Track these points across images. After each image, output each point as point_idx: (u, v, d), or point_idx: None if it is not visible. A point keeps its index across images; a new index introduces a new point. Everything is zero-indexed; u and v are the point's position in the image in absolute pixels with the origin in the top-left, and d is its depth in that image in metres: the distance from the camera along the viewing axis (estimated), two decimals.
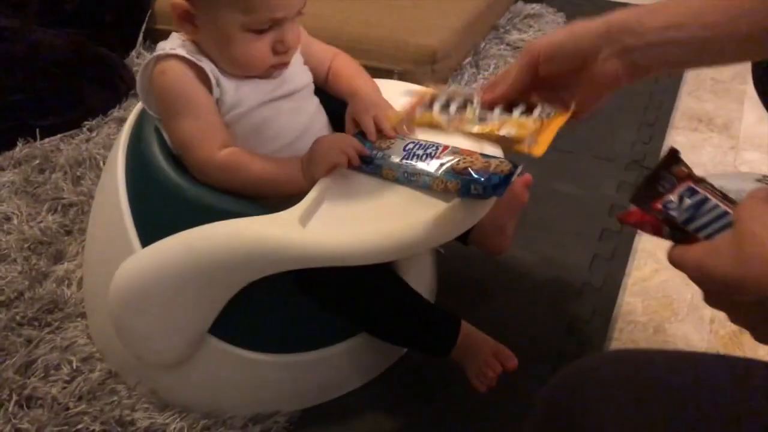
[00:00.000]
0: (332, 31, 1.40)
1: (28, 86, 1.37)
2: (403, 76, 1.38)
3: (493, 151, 0.74)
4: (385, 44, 1.39)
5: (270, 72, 0.75)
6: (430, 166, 0.71)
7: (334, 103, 0.84)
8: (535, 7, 1.74)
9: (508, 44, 1.58)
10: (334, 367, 0.81)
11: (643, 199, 0.52)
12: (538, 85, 0.57)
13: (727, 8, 0.49)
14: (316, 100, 0.82)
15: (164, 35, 1.56)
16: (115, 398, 0.81)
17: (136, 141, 0.80)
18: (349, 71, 0.85)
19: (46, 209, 1.10)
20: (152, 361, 0.78)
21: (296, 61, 0.79)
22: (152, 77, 0.73)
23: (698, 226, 0.49)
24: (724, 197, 0.50)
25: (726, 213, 0.49)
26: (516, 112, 0.60)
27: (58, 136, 1.29)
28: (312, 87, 0.82)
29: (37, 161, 1.20)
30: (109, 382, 0.83)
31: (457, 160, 0.71)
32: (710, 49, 0.51)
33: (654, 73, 0.54)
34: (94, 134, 1.29)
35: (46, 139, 1.27)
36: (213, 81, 0.72)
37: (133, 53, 1.54)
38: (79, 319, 0.91)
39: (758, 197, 0.45)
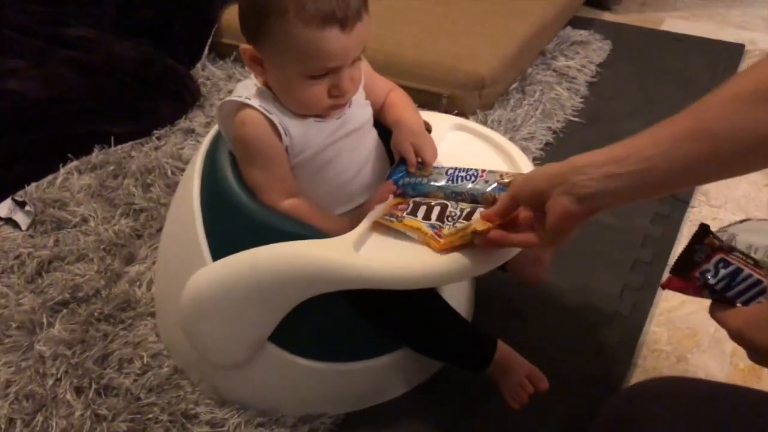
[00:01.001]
0: (387, 53, 1.49)
1: (103, 94, 1.48)
2: (452, 100, 1.46)
3: None
4: (436, 69, 1.46)
5: (328, 112, 0.82)
6: (477, 184, 0.79)
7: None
8: (583, 34, 1.79)
9: (554, 70, 1.64)
10: (378, 376, 0.89)
11: (683, 270, 0.60)
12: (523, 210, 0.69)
13: (660, 140, 0.55)
14: (374, 133, 0.90)
15: (229, 49, 1.68)
16: (181, 393, 0.90)
17: (211, 162, 0.89)
18: (399, 103, 0.92)
19: (119, 213, 1.20)
20: (216, 362, 0.87)
21: (357, 98, 0.87)
22: (234, 125, 0.82)
23: (735, 294, 0.57)
24: (756, 264, 0.57)
25: (759, 281, 0.56)
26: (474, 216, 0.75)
27: (130, 143, 1.39)
28: (371, 121, 0.89)
29: (112, 167, 1.31)
30: (175, 378, 0.92)
31: (500, 176, 0.79)
32: (651, 180, 0.56)
33: (604, 207, 0.60)
34: (162, 143, 1.39)
35: (119, 146, 1.38)
36: (282, 132, 0.80)
37: (199, 65, 1.64)
38: (148, 318, 1.01)
39: None
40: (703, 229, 0.59)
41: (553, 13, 1.72)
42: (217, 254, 0.84)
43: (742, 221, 0.66)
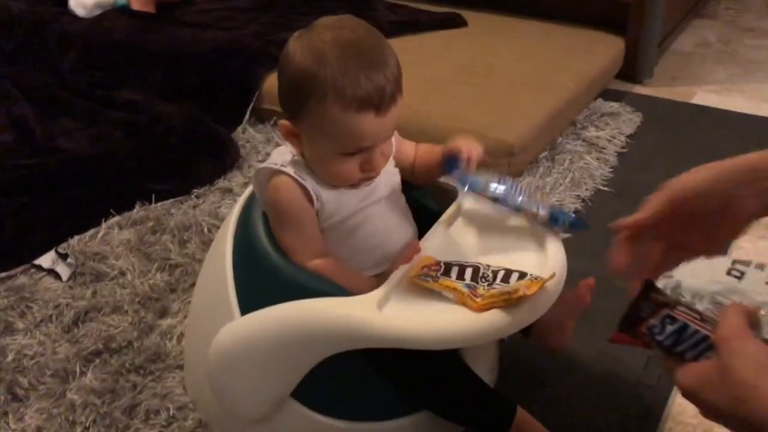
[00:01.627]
0: (419, 121, 1.54)
1: (147, 153, 1.56)
2: (481, 167, 1.49)
3: None
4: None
5: (359, 183, 0.86)
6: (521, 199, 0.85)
7: (418, 200, 0.96)
8: (614, 106, 1.82)
9: (584, 140, 1.66)
10: None
11: (630, 325, 0.60)
12: (673, 219, 0.62)
13: None
14: (403, 199, 0.93)
15: (269, 114, 1.75)
16: None
17: (245, 221, 0.92)
18: (431, 147, 0.97)
19: (155, 268, 1.24)
20: (239, 415, 0.89)
21: (387, 165, 0.90)
22: (267, 189, 0.86)
23: (683, 349, 0.57)
24: (702, 318, 0.57)
25: (706, 337, 0.57)
26: (513, 278, 0.77)
27: (170, 201, 1.44)
28: (400, 187, 0.93)
29: (151, 223, 1.36)
30: (198, 431, 0.94)
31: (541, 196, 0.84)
32: None
33: None
34: (200, 201, 1.45)
35: (159, 203, 1.43)
36: (314, 197, 0.84)
37: (239, 129, 1.71)
38: (177, 370, 1.03)
39: (734, 326, 0.52)
40: (648, 284, 0.60)
41: (584, 85, 1.76)
42: (245, 310, 0.86)
43: (688, 261, 0.65)
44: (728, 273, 0.61)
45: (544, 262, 0.85)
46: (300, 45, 0.81)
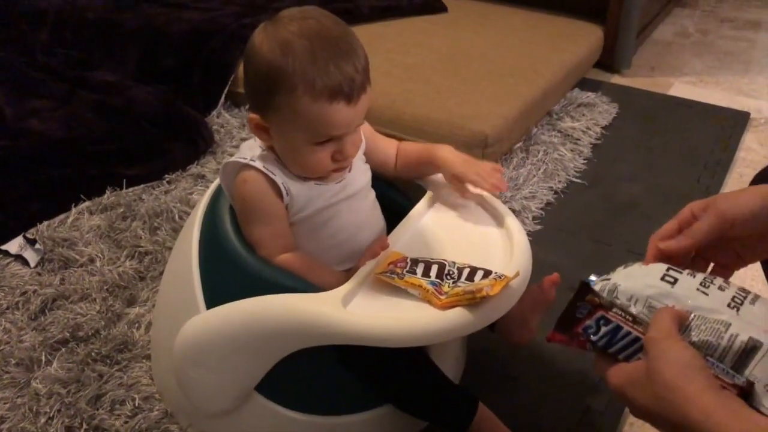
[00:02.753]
0: (396, 109, 1.54)
1: (120, 137, 1.54)
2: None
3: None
4: (442, 127, 1.50)
5: (330, 175, 0.86)
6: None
7: (387, 195, 0.96)
8: (590, 96, 1.83)
9: (559, 131, 1.67)
10: (361, 431, 0.90)
11: (566, 325, 0.62)
12: (714, 240, 0.63)
13: None
14: (372, 195, 0.93)
15: (244, 98, 1.73)
16: None
17: (212, 213, 0.92)
18: (418, 149, 0.96)
19: (125, 255, 1.23)
20: (204, 408, 0.89)
21: (357, 162, 0.90)
22: (235, 183, 0.85)
23: (616, 350, 0.59)
24: (634, 321, 0.59)
25: (638, 338, 0.59)
26: (477, 277, 0.78)
27: (141, 186, 1.43)
28: (369, 183, 0.93)
29: (122, 209, 1.35)
30: (164, 422, 0.94)
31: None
32: None
33: None
34: (172, 187, 1.44)
35: (131, 189, 1.42)
36: (284, 191, 0.84)
37: (214, 113, 1.70)
38: (144, 360, 1.03)
39: (663, 328, 0.54)
40: (585, 285, 0.61)
41: (561, 75, 1.76)
42: (211, 303, 0.86)
43: (625, 266, 0.66)
44: (662, 279, 0.62)
45: (510, 258, 0.86)
46: (265, 37, 0.80)
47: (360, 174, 0.90)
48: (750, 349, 0.56)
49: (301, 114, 0.79)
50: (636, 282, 0.62)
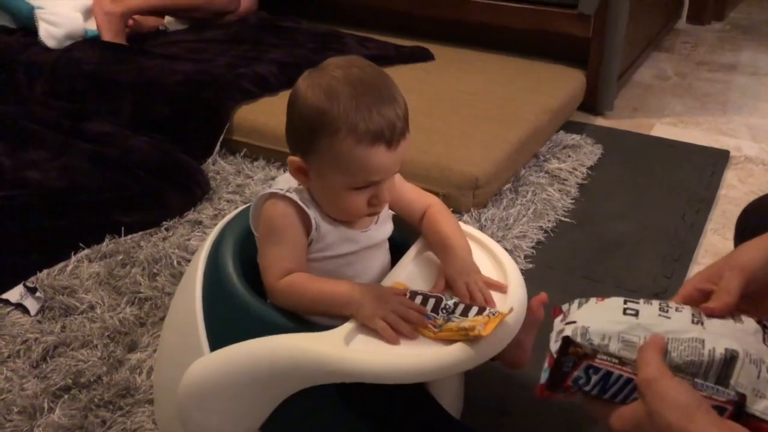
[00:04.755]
0: None
1: (117, 186, 1.56)
2: (447, 199, 1.53)
3: None
4: (432, 169, 1.55)
5: (363, 218, 0.88)
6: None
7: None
8: (575, 138, 1.88)
9: (546, 172, 1.72)
10: None
11: (556, 384, 0.64)
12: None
13: None
14: (386, 246, 0.95)
15: (239, 145, 1.77)
16: None
17: (215, 256, 0.94)
18: (447, 226, 0.94)
19: (125, 301, 1.25)
20: None
21: (384, 212, 0.93)
22: (264, 206, 0.87)
23: (611, 395, 0.61)
24: (621, 362, 0.61)
25: (630, 380, 0.60)
26: (471, 313, 0.80)
27: (140, 233, 1.45)
28: (388, 235, 0.94)
29: (120, 256, 1.37)
30: None
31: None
32: None
33: None
34: (170, 234, 1.46)
35: (129, 236, 1.44)
36: (314, 225, 0.86)
37: (210, 160, 1.73)
38: (146, 405, 1.04)
39: (653, 366, 0.57)
40: (566, 340, 0.63)
41: (546, 119, 1.82)
42: (215, 345, 0.88)
43: (579, 303, 0.68)
44: (624, 313, 0.65)
45: (505, 294, 0.88)
46: (311, 83, 0.83)
47: (384, 226, 0.93)
48: (730, 359, 0.59)
49: (343, 157, 0.81)
50: (602, 320, 0.64)
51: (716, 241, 1.52)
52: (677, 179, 1.75)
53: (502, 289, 0.89)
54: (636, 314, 0.64)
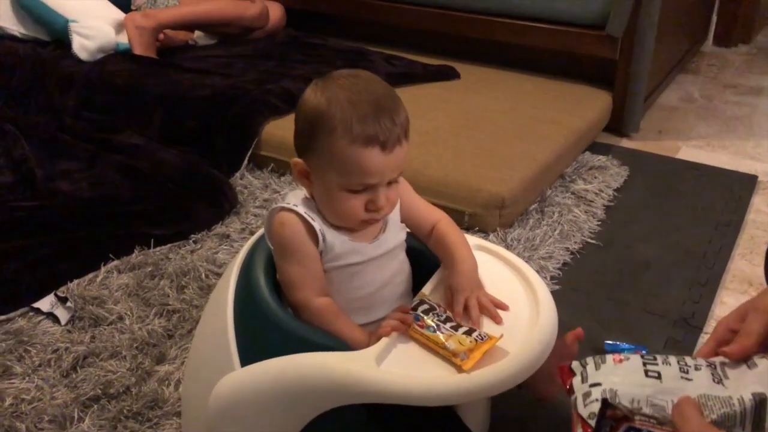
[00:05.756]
0: (414, 171, 1.58)
1: (147, 198, 1.59)
2: (473, 218, 1.53)
3: None
4: (459, 189, 1.55)
5: (363, 226, 0.89)
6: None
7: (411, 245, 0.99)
8: (601, 159, 1.88)
9: (572, 193, 1.71)
10: None
11: None
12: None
13: None
14: (403, 254, 0.96)
15: (266, 161, 1.79)
16: None
17: (247, 271, 0.95)
18: (454, 239, 0.95)
19: (153, 313, 1.26)
20: None
21: (394, 221, 0.93)
22: (273, 224, 0.89)
23: None
24: (658, 422, 0.61)
25: None
26: (461, 331, 0.79)
27: (168, 246, 1.47)
28: (404, 245, 0.96)
29: (149, 268, 1.38)
30: None
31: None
32: None
33: None
34: (198, 247, 1.47)
35: (158, 248, 1.46)
36: (320, 237, 0.88)
37: (237, 174, 1.75)
38: (174, 417, 1.05)
39: (695, 421, 0.57)
40: (604, 404, 0.63)
41: (573, 139, 1.82)
42: (245, 360, 0.88)
43: (596, 366, 0.68)
44: (647, 375, 0.65)
45: (536, 315, 0.88)
46: (315, 89, 0.86)
47: (394, 234, 0.94)
48: (760, 403, 0.60)
49: (337, 156, 0.83)
50: (627, 383, 0.65)
51: (744, 266, 1.51)
52: (704, 203, 1.74)
53: (503, 308, 0.90)
54: (659, 377, 0.65)
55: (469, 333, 0.82)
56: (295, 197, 0.92)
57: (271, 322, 0.88)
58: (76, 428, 1.02)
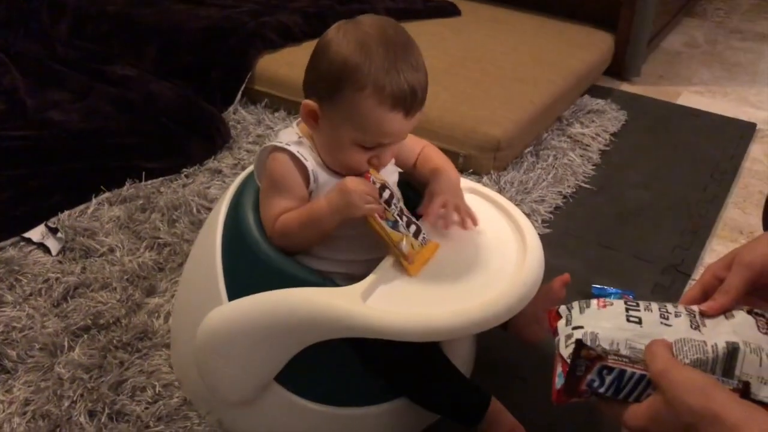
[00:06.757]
0: None
1: (139, 131, 1.56)
2: (467, 160, 1.52)
3: None
4: (455, 130, 1.53)
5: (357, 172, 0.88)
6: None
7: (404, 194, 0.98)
8: (600, 103, 1.86)
9: (569, 137, 1.70)
10: (376, 423, 0.93)
11: (572, 389, 0.65)
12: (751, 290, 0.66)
13: None
14: (397, 195, 0.95)
15: (260, 96, 1.76)
16: (188, 424, 0.95)
17: (236, 207, 0.95)
18: (438, 158, 0.98)
19: (144, 246, 1.26)
20: (223, 397, 0.92)
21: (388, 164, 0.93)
22: (267, 160, 0.89)
23: (625, 395, 0.62)
24: (631, 360, 0.62)
25: (643, 376, 0.62)
26: (411, 229, 0.84)
27: (160, 179, 1.46)
28: (395, 184, 0.95)
29: (141, 201, 1.38)
30: (183, 409, 0.97)
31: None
32: None
33: None
34: (190, 181, 1.47)
35: (149, 181, 1.45)
36: (312, 177, 0.87)
37: (231, 109, 1.73)
38: (163, 349, 1.06)
39: (664, 358, 0.58)
40: (578, 345, 0.64)
41: (572, 82, 1.79)
42: (233, 294, 0.89)
43: (580, 310, 0.69)
44: (628, 320, 0.66)
45: (523, 257, 0.89)
46: (344, 34, 0.83)
47: (388, 175, 0.93)
48: (732, 352, 0.61)
49: (361, 113, 0.82)
50: (608, 327, 0.66)
51: (736, 215, 1.51)
52: (701, 150, 1.73)
53: (475, 222, 0.92)
54: (639, 322, 0.66)
55: (416, 235, 0.85)
56: (287, 135, 0.90)
57: (259, 258, 0.88)
58: (67, 357, 1.03)
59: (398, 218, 0.85)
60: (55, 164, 1.44)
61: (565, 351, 0.66)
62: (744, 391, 0.60)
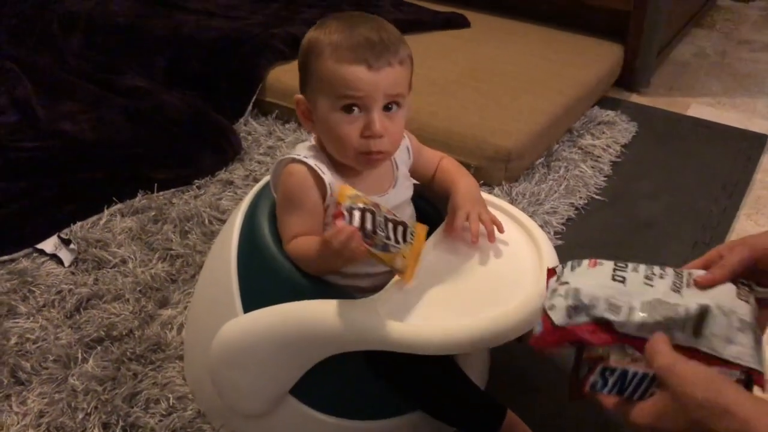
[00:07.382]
0: (421, 123, 1.56)
1: (150, 141, 1.57)
2: (478, 171, 1.52)
3: None
4: (466, 141, 1.53)
5: (362, 160, 0.86)
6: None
7: (418, 205, 0.98)
8: (610, 114, 1.86)
9: (580, 148, 1.70)
10: None
11: (576, 392, 0.65)
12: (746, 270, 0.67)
13: None
14: (410, 210, 0.95)
15: (271, 107, 1.76)
16: None
17: (251, 218, 0.95)
18: (457, 170, 0.98)
19: (156, 257, 1.27)
20: (238, 410, 0.92)
21: (403, 176, 0.93)
22: (282, 175, 0.88)
23: (629, 393, 0.62)
24: (633, 359, 0.63)
25: (646, 374, 0.62)
26: (398, 232, 0.81)
27: (172, 190, 1.46)
28: (409, 198, 0.95)
29: (153, 212, 1.38)
30: (197, 421, 0.97)
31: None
32: None
33: None
34: (202, 192, 1.47)
35: (161, 192, 1.45)
36: (329, 191, 0.86)
37: (242, 120, 1.73)
38: (177, 361, 1.06)
39: (666, 353, 0.58)
40: (579, 348, 0.64)
41: (582, 93, 1.79)
42: (248, 306, 0.89)
43: (572, 268, 0.71)
44: (613, 279, 0.68)
45: (539, 271, 0.88)
46: (313, 27, 0.87)
47: (403, 190, 0.93)
48: (702, 312, 0.63)
49: (325, 75, 0.83)
50: (592, 284, 0.67)
51: (749, 226, 1.50)
52: (712, 161, 1.72)
53: (500, 229, 0.92)
54: (623, 281, 0.67)
55: (404, 236, 0.82)
56: (304, 149, 0.90)
57: (275, 269, 0.88)
58: (80, 368, 1.03)
59: (387, 239, 0.81)
60: (66, 175, 1.45)
61: (547, 302, 0.69)
62: (747, 382, 0.60)
